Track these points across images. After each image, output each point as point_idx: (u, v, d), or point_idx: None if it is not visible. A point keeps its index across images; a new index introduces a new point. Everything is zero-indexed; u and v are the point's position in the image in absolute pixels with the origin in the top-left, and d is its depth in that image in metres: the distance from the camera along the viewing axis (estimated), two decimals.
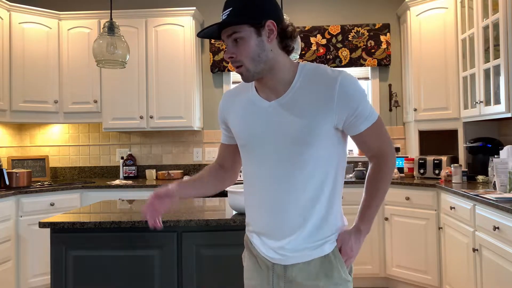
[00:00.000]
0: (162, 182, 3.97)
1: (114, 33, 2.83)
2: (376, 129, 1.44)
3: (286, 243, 1.40)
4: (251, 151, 1.45)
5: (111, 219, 2.11)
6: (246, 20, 1.32)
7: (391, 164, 1.48)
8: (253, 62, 1.34)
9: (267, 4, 1.35)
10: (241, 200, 2.10)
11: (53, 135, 4.62)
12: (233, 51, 1.35)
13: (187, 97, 4.18)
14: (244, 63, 1.34)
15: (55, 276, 2.08)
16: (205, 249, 2.08)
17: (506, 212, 2.29)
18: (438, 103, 3.85)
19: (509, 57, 2.86)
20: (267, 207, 1.42)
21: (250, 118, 1.44)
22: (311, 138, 1.36)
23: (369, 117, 1.41)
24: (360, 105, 1.37)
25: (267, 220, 1.42)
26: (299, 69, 1.40)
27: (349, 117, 1.37)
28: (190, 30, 4.19)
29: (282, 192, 1.39)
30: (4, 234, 3.40)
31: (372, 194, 1.47)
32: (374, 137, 1.45)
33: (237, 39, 1.33)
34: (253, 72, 1.35)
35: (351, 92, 1.35)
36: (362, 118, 1.39)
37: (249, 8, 1.32)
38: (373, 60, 4.38)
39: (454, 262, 3.10)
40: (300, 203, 1.38)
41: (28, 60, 4.06)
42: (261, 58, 1.34)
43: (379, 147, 1.47)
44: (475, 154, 3.58)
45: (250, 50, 1.33)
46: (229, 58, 1.36)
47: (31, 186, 3.80)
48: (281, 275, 1.42)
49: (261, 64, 1.34)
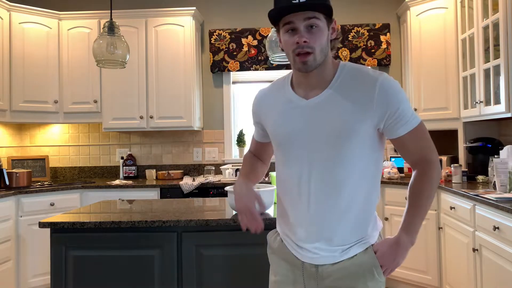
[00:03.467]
0: (162, 182, 3.97)
1: (114, 33, 2.83)
2: (417, 134, 1.40)
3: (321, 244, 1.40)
4: (289, 149, 1.43)
5: (111, 219, 2.11)
6: (326, 10, 1.33)
7: (436, 171, 1.41)
8: (321, 52, 1.34)
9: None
10: None
11: (53, 135, 4.62)
12: (308, 36, 1.32)
13: (187, 97, 4.18)
14: (315, 51, 1.33)
15: (55, 276, 2.08)
16: (205, 249, 2.08)
17: (506, 212, 2.29)
18: (438, 103, 3.85)
19: (509, 57, 2.86)
20: (303, 207, 1.41)
21: (288, 117, 1.43)
22: (349, 137, 1.35)
23: (410, 121, 1.38)
24: (401, 107, 1.35)
25: (302, 219, 1.42)
26: (339, 68, 1.41)
27: (389, 118, 1.36)
28: (190, 30, 4.19)
29: (320, 192, 1.39)
30: (4, 234, 3.40)
31: (415, 204, 1.41)
32: (415, 142, 1.40)
33: (314, 26, 1.32)
34: (318, 61, 1.35)
35: (391, 93, 1.34)
36: (403, 121, 1.37)
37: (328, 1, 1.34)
38: (373, 60, 4.38)
39: (454, 262, 3.10)
40: (336, 203, 1.38)
41: (28, 60, 4.06)
42: (325, 51, 1.36)
43: (421, 153, 1.41)
44: (475, 154, 3.58)
45: (323, 40, 1.34)
46: (303, 42, 1.31)
47: (31, 186, 3.80)
48: (312, 274, 1.42)
49: (323, 56, 1.36)
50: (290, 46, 1.34)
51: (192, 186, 3.85)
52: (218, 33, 4.48)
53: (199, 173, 4.53)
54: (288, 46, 1.35)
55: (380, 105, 1.34)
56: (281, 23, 1.36)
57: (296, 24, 1.32)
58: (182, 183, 3.86)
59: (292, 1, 1.28)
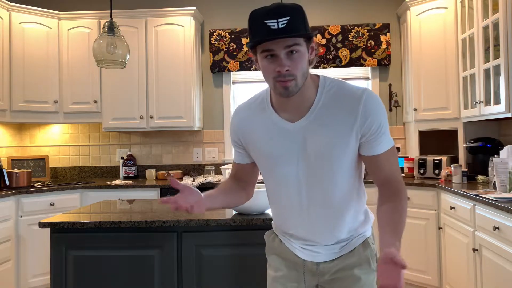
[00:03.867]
0: (162, 182, 3.97)
1: (114, 33, 2.83)
2: (391, 155, 1.41)
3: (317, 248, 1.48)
4: (276, 169, 1.44)
5: (111, 219, 2.11)
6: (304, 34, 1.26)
7: (405, 194, 1.41)
8: (302, 76, 1.30)
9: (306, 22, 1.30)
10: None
11: (53, 135, 4.62)
12: (290, 64, 1.26)
13: (187, 97, 4.18)
14: (296, 77, 1.28)
15: (55, 276, 2.08)
16: (205, 249, 2.08)
17: (506, 212, 2.29)
18: (438, 103, 3.85)
19: (509, 57, 2.86)
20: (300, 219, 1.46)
21: (274, 139, 1.41)
22: (337, 156, 1.37)
23: (388, 141, 1.39)
24: (382, 124, 1.36)
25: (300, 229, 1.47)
26: (320, 85, 1.38)
27: (370, 135, 1.35)
28: (190, 30, 4.19)
29: (313, 206, 1.43)
30: (4, 234, 3.40)
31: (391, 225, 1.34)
32: (389, 162, 1.40)
33: (294, 52, 1.26)
34: (299, 86, 1.30)
35: (375, 109, 1.35)
36: (381, 139, 1.37)
37: (305, 22, 1.28)
38: (373, 60, 4.38)
39: (454, 262, 3.10)
40: (330, 213, 1.44)
41: (28, 60, 4.06)
42: (305, 74, 1.32)
43: (393, 174, 1.41)
44: (475, 154, 3.58)
45: (304, 65, 1.29)
46: (285, 71, 1.26)
47: (31, 186, 3.80)
48: (313, 271, 1.50)
49: (304, 79, 1.32)
50: (271, 73, 1.29)
51: (192, 186, 3.84)
52: (218, 33, 4.48)
53: (199, 173, 4.53)
54: (269, 73, 1.29)
55: (364, 120, 1.34)
56: (259, 48, 1.29)
57: (277, 52, 1.26)
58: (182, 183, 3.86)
59: (271, 27, 1.22)
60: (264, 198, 2.12)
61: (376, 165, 1.41)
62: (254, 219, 2.05)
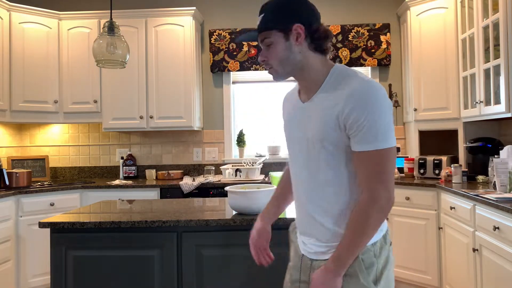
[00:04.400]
0: (162, 182, 3.97)
1: (114, 33, 2.83)
2: (373, 159, 1.29)
3: (308, 239, 1.48)
4: (289, 149, 1.54)
5: (111, 219, 2.11)
6: (274, 26, 1.39)
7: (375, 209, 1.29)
8: (281, 64, 1.41)
9: (296, 8, 1.39)
10: (240, 200, 2.10)
11: (53, 135, 4.62)
12: (266, 54, 1.43)
13: (187, 97, 4.18)
14: (273, 66, 1.42)
15: (55, 276, 2.08)
16: (205, 249, 2.08)
17: (506, 212, 2.29)
18: (438, 103, 3.85)
19: (509, 57, 2.86)
20: (297, 204, 1.52)
21: (290, 118, 1.52)
22: (324, 140, 1.35)
23: (371, 141, 1.28)
24: (367, 119, 1.27)
25: (297, 215, 1.54)
26: (331, 71, 1.41)
27: (349, 128, 1.31)
28: (190, 30, 4.19)
29: (305, 191, 1.45)
30: (4, 234, 3.40)
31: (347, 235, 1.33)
32: (363, 165, 1.31)
33: (269, 44, 1.41)
34: (281, 73, 1.43)
35: (363, 99, 1.28)
36: (359, 136, 1.29)
37: (278, 14, 1.39)
38: (373, 60, 4.38)
39: (454, 262, 3.10)
40: (321, 203, 1.41)
41: (28, 60, 4.06)
42: (289, 61, 1.40)
43: (369, 183, 1.30)
44: (475, 154, 3.58)
45: (278, 54, 1.40)
46: (262, 61, 1.44)
47: (31, 186, 3.80)
48: (307, 266, 1.48)
49: (289, 66, 1.41)
50: None
51: (192, 186, 3.85)
52: (218, 33, 4.48)
53: (199, 173, 4.53)
54: None
55: (345, 110, 1.30)
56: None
57: (260, 45, 1.45)
58: (182, 183, 3.86)
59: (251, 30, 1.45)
60: (263, 198, 2.12)
61: (355, 164, 1.35)
62: (254, 219, 2.05)
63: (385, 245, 1.39)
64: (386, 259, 1.38)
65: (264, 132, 4.65)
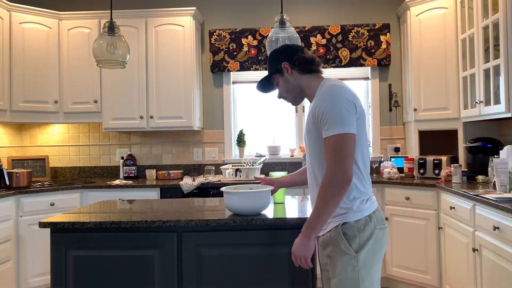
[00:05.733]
0: (162, 182, 3.97)
1: (114, 33, 2.83)
2: (330, 143, 1.67)
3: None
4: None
5: (111, 219, 2.11)
6: (272, 71, 1.93)
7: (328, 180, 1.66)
8: (289, 94, 1.93)
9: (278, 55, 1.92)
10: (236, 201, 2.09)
11: (53, 135, 4.62)
12: (279, 92, 1.97)
13: (187, 97, 4.18)
14: (287, 97, 1.95)
15: (55, 276, 2.08)
16: (205, 249, 2.08)
17: (506, 212, 2.29)
18: (438, 103, 3.85)
19: (509, 57, 2.86)
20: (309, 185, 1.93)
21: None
22: (310, 135, 1.81)
23: (329, 129, 1.67)
24: (327, 112, 1.68)
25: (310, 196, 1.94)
26: (320, 84, 1.83)
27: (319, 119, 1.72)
28: (190, 30, 4.19)
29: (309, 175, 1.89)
30: (4, 234, 3.40)
31: (314, 206, 1.72)
32: (327, 150, 1.68)
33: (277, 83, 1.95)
34: (293, 100, 1.95)
35: (324, 96, 1.72)
36: (324, 126, 1.69)
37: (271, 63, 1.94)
38: (373, 60, 4.38)
39: (454, 262, 3.10)
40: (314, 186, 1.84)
41: (28, 60, 4.06)
42: (290, 88, 1.91)
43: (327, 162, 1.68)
44: (475, 154, 3.58)
45: (283, 88, 1.93)
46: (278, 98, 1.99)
47: (31, 186, 3.80)
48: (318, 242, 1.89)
49: (294, 92, 1.91)
50: None
51: (192, 186, 3.85)
52: (218, 33, 4.48)
53: (199, 173, 4.53)
54: None
55: (316, 107, 1.74)
56: None
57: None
58: (182, 183, 3.86)
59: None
60: (262, 198, 2.11)
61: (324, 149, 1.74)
62: (254, 219, 2.05)
63: (369, 223, 1.73)
64: (370, 234, 1.72)
65: (264, 132, 4.65)
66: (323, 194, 1.67)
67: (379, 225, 1.75)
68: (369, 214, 1.75)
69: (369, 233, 1.72)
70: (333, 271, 1.75)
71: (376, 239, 1.74)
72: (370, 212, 1.76)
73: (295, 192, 3.74)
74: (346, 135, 1.65)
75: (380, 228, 1.76)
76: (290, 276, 2.04)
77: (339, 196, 1.67)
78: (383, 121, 4.50)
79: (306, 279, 2.03)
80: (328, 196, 1.66)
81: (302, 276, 2.03)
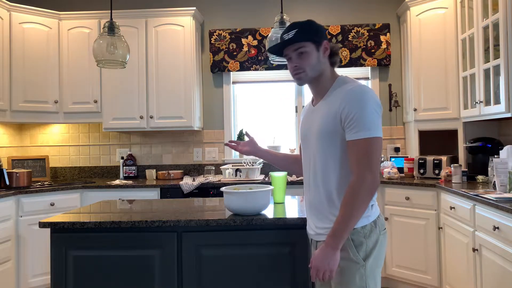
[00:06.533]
0: (162, 182, 3.97)
1: (114, 33, 2.83)
2: (358, 147, 1.60)
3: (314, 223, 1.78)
4: (303, 143, 1.86)
5: (111, 219, 2.11)
6: (310, 39, 1.74)
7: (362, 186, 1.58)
8: (312, 69, 1.75)
9: (322, 30, 1.79)
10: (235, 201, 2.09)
11: (53, 135, 4.62)
12: (298, 61, 1.75)
13: (187, 97, 4.18)
14: (305, 70, 1.75)
15: (55, 276, 2.08)
16: (205, 249, 2.08)
17: (506, 212, 2.29)
18: (438, 103, 3.85)
19: (509, 57, 2.86)
20: (307, 190, 1.83)
21: (304, 118, 1.89)
22: (324, 135, 1.70)
23: (359, 132, 1.60)
24: (357, 114, 1.60)
25: (307, 200, 1.83)
26: (336, 80, 1.77)
27: (345, 121, 1.64)
28: (190, 30, 4.19)
29: (312, 179, 1.77)
30: (4, 234, 3.40)
31: (340, 214, 1.62)
32: (353, 152, 1.62)
33: (302, 52, 1.74)
34: (309, 76, 1.76)
35: (353, 98, 1.63)
36: (352, 127, 1.61)
37: (312, 31, 1.76)
38: (373, 60, 4.38)
39: (454, 262, 3.10)
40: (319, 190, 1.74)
41: (28, 60, 4.06)
42: (316, 67, 1.75)
43: (356, 166, 1.61)
44: (475, 154, 3.58)
45: (311, 61, 1.75)
46: (294, 66, 1.76)
47: (31, 186, 3.80)
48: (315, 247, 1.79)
49: (315, 71, 1.76)
50: (290, 70, 1.80)
51: (192, 186, 3.85)
52: (218, 33, 4.48)
53: (199, 173, 4.53)
54: (290, 70, 1.81)
55: (342, 107, 1.64)
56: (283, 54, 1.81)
57: (290, 55, 1.78)
58: (182, 183, 3.86)
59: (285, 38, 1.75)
60: (262, 198, 2.12)
61: (347, 153, 1.66)
62: (254, 219, 2.05)
63: (375, 229, 1.69)
64: (375, 241, 1.68)
65: (264, 132, 4.65)
66: (353, 200, 1.59)
67: (382, 231, 1.72)
68: (374, 219, 1.71)
69: (375, 239, 1.68)
70: (339, 279, 1.68)
71: (380, 245, 1.70)
72: (375, 217, 1.71)
73: (295, 192, 3.74)
74: (376, 139, 1.60)
75: (383, 233, 1.73)
76: (290, 276, 2.04)
77: (367, 202, 1.60)
78: (383, 121, 4.48)
79: (306, 279, 2.03)
80: (359, 202, 1.59)
81: (302, 276, 2.03)
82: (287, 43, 1.75)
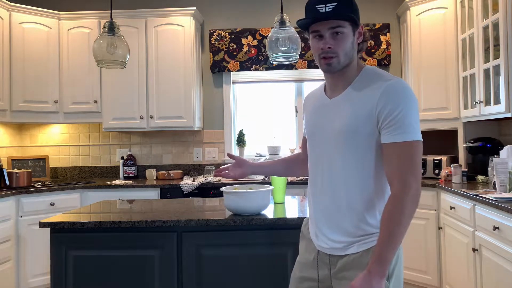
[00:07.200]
0: (162, 182, 3.97)
1: (114, 33, 2.83)
2: (403, 150, 1.35)
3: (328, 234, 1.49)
4: (312, 141, 1.57)
5: (111, 219, 2.11)
6: (352, 19, 1.43)
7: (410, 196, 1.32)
8: (345, 56, 1.46)
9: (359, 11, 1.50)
10: (235, 201, 2.09)
11: (53, 135, 4.62)
12: (333, 43, 1.44)
13: (187, 97, 4.18)
14: (338, 55, 1.45)
15: (55, 276, 2.08)
16: (205, 249, 2.08)
17: (506, 212, 2.29)
18: (438, 103, 3.85)
19: (509, 57, 2.86)
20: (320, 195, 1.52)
21: (315, 113, 1.58)
22: (352, 134, 1.42)
23: (401, 133, 1.36)
24: (398, 113, 1.36)
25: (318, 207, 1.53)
26: (362, 71, 1.50)
27: (384, 120, 1.38)
28: (190, 30, 4.19)
29: (329, 183, 1.49)
30: (4, 234, 3.40)
31: (385, 231, 1.33)
32: (395, 158, 1.36)
33: (339, 33, 1.44)
34: (342, 64, 1.46)
35: (394, 95, 1.38)
36: (393, 129, 1.36)
37: (353, 9, 1.46)
38: (373, 60, 4.38)
39: (454, 262, 3.10)
40: (339, 196, 1.46)
41: (28, 60, 4.06)
42: (349, 54, 1.47)
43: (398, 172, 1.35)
44: (475, 154, 3.58)
45: (346, 46, 1.45)
46: (328, 47, 1.44)
47: (31, 186, 3.80)
48: (325, 262, 1.51)
49: (348, 58, 1.47)
50: (316, 51, 1.48)
51: (192, 186, 3.85)
52: (218, 33, 4.48)
53: (199, 173, 4.53)
54: (315, 51, 1.49)
55: (380, 104, 1.38)
56: (310, 29, 1.49)
57: (322, 32, 1.45)
58: (182, 183, 3.86)
59: (319, 11, 1.43)
60: (262, 198, 2.12)
61: (384, 157, 1.40)
62: (254, 219, 2.05)
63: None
64: (396, 258, 1.43)
65: (264, 132, 4.65)
66: (399, 213, 1.31)
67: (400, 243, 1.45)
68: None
69: (397, 255, 1.42)
70: None
71: (400, 261, 1.46)
72: None
73: (295, 192, 3.74)
74: (419, 143, 1.37)
75: (401, 248, 1.47)
76: (290, 276, 2.04)
77: (413, 215, 1.34)
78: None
79: None
80: (406, 216, 1.32)
81: None
82: (325, 17, 1.43)
